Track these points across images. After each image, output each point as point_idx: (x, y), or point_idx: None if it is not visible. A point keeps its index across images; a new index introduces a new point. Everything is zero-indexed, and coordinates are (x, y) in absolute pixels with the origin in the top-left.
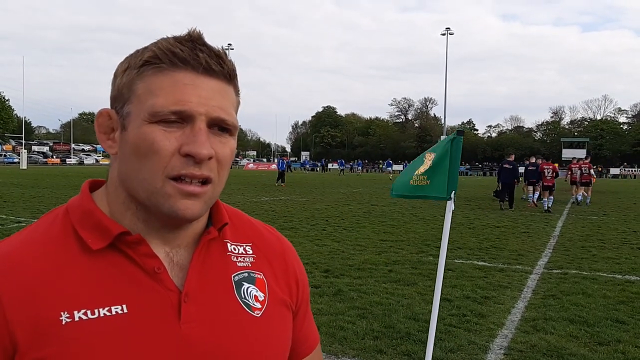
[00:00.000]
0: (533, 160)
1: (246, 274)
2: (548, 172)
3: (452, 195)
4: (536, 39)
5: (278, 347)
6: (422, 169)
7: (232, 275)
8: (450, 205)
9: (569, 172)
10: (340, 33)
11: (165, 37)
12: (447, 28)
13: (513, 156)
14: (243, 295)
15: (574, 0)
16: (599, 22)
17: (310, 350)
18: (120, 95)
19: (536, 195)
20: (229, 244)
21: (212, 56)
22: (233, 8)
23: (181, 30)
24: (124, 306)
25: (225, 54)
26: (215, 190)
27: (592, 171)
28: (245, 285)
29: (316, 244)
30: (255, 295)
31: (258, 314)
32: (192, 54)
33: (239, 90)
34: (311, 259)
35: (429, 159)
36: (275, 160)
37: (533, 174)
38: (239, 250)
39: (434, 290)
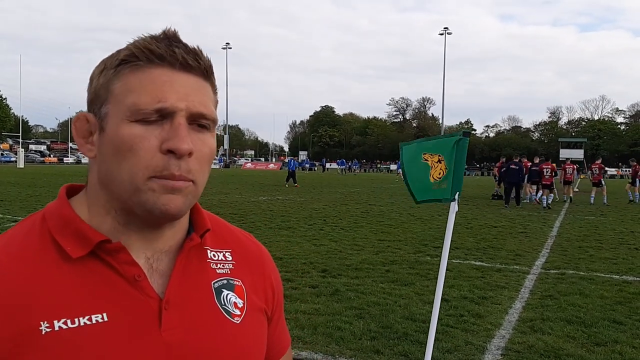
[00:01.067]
0: (537, 160)
1: (225, 281)
2: (547, 172)
3: (457, 197)
4: (534, 40)
5: (256, 353)
6: (438, 174)
7: (212, 282)
8: (454, 207)
9: (564, 172)
10: (338, 33)
11: (141, 35)
12: (445, 28)
13: (516, 157)
14: (223, 302)
15: (572, 1)
16: (596, 22)
17: (282, 353)
18: (98, 97)
19: (539, 194)
20: (208, 251)
21: (188, 52)
22: (231, 9)
23: (180, 31)
24: (104, 314)
25: (202, 51)
26: (196, 190)
27: (608, 169)
28: (225, 292)
29: (314, 244)
30: (234, 302)
31: (237, 321)
32: (169, 51)
33: (216, 89)
34: (309, 258)
35: (435, 160)
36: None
37: (536, 173)
38: (218, 256)
39: (432, 291)
